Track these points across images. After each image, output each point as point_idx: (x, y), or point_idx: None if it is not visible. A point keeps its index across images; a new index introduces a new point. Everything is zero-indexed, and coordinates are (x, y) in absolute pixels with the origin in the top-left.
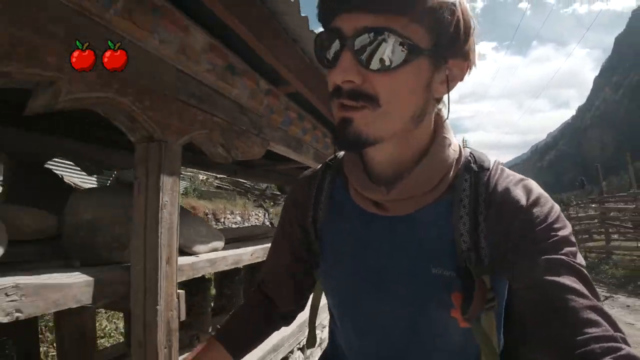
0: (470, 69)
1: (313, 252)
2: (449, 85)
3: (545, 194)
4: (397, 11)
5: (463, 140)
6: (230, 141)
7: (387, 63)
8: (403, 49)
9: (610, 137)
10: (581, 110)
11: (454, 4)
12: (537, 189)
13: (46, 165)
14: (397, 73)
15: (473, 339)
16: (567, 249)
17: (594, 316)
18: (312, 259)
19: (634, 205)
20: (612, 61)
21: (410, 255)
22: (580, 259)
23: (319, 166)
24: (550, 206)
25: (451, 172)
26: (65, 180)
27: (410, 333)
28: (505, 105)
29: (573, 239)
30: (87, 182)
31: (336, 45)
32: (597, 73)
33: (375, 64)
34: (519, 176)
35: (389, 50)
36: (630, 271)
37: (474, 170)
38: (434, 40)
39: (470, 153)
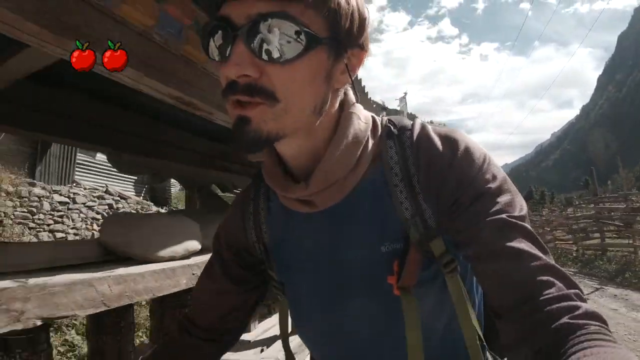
0: (365, 58)
1: (265, 271)
2: (350, 74)
3: (472, 142)
4: None
5: None
6: None
7: (285, 54)
8: (301, 38)
9: (614, 135)
10: (585, 109)
11: None
12: (462, 139)
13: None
14: (295, 64)
15: (455, 324)
16: (503, 201)
17: (546, 277)
18: (263, 279)
19: (625, 205)
20: (615, 59)
21: (357, 241)
22: (519, 207)
23: (250, 182)
24: (478, 155)
25: (369, 144)
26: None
27: (382, 324)
28: (508, 106)
29: (508, 184)
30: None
31: (227, 35)
32: (599, 72)
33: (271, 55)
34: (444, 129)
35: (286, 39)
36: (620, 265)
37: (395, 135)
38: (331, 30)
39: (388, 119)
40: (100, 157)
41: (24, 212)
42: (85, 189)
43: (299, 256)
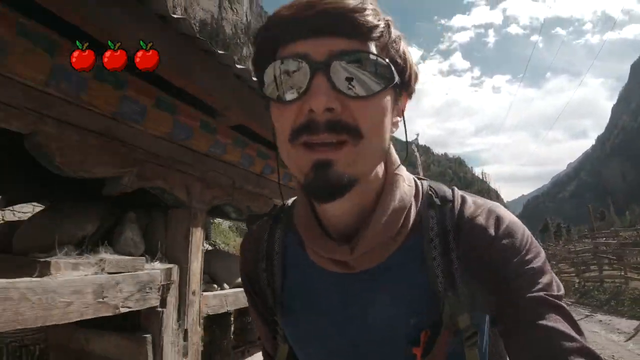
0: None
1: (276, 323)
2: (404, 120)
3: (515, 219)
4: (369, 37)
5: (482, 172)
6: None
7: (367, 89)
8: (381, 75)
9: (631, 164)
10: (600, 139)
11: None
12: (505, 215)
13: None
14: (375, 100)
15: None
16: (544, 281)
17: (579, 359)
18: (275, 330)
19: (616, 240)
20: (629, 89)
21: (386, 310)
22: (557, 288)
23: (264, 219)
24: (521, 234)
25: (412, 210)
26: None
27: None
28: (522, 137)
29: (547, 265)
30: None
31: (304, 71)
32: (613, 102)
33: (354, 91)
34: (484, 203)
35: (368, 75)
36: (612, 295)
37: (437, 205)
38: (396, 73)
39: (429, 186)
40: None
41: None
42: None
43: (313, 308)
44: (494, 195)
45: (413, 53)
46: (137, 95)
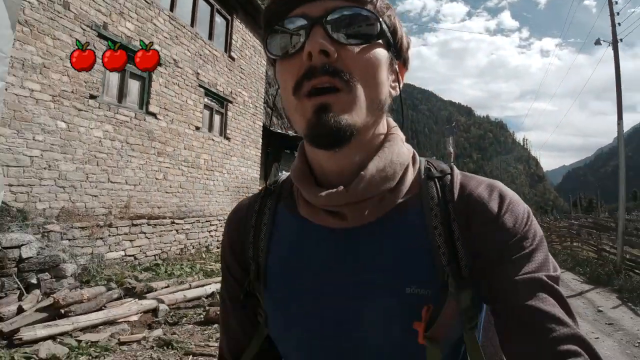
0: (404, 75)
1: (255, 293)
2: (399, 85)
3: (516, 196)
4: (362, 1)
5: (524, 139)
6: None
7: (361, 37)
8: (372, 27)
9: None
10: None
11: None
12: (508, 192)
13: None
14: (367, 49)
15: None
16: (541, 258)
17: (573, 347)
18: (254, 302)
19: (579, 222)
20: None
21: (379, 274)
22: (553, 267)
23: (256, 193)
24: (522, 211)
25: (408, 173)
26: None
27: None
28: (567, 106)
29: (545, 244)
30: None
31: (303, 26)
32: None
33: (347, 39)
34: (485, 179)
35: (360, 27)
36: (568, 257)
37: (436, 176)
38: (390, 36)
39: (427, 160)
40: None
41: None
42: None
43: (302, 271)
44: (533, 163)
45: (458, 9)
46: None
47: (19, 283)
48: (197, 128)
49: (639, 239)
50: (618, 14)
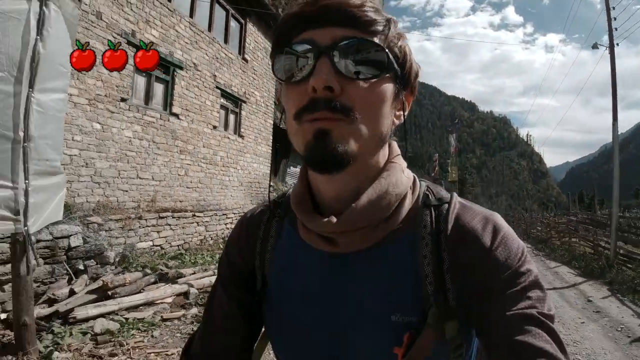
0: (411, 103)
1: (257, 300)
2: (404, 113)
3: (511, 231)
4: (368, 29)
5: (528, 135)
6: None
7: (366, 72)
8: (380, 62)
9: None
10: None
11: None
12: (502, 226)
13: None
14: (372, 84)
15: None
16: (535, 296)
17: None
18: (254, 308)
19: (576, 218)
20: None
21: (367, 300)
22: (548, 305)
23: (267, 204)
24: (516, 247)
25: (406, 202)
26: None
27: None
28: (571, 102)
29: (540, 280)
30: None
31: (310, 55)
32: None
33: (354, 73)
34: (482, 210)
35: (367, 61)
36: (565, 251)
37: (432, 205)
38: (398, 66)
39: (427, 186)
40: None
41: None
42: None
43: (297, 290)
44: (536, 159)
45: (462, 3)
46: None
47: (68, 269)
48: (214, 127)
49: (632, 235)
50: (615, 19)
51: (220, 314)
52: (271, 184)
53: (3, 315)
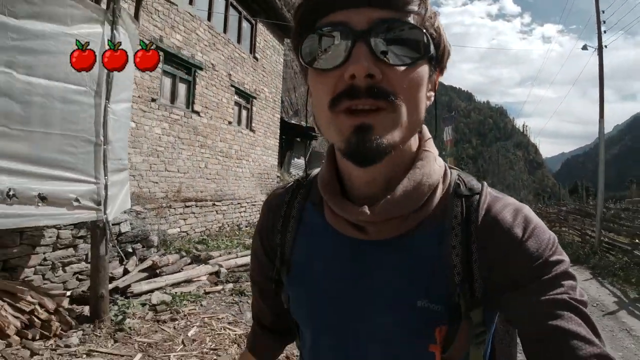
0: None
1: (279, 280)
2: (435, 96)
3: (541, 223)
4: (404, 9)
5: (524, 125)
6: None
7: (406, 57)
8: (419, 45)
9: None
10: None
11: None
12: (533, 218)
13: None
14: (412, 69)
15: None
16: (567, 284)
17: None
18: (278, 288)
19: (565, 208)
20: None
21: (393, 285)
22: (580, 293)
23: (289, 184)
24: (547, 237)
25: (437, 192)
26: None
27: None
28: (568, 93)
29: (571, 270)
30: None
31: (345, 39)
32: None
33: (393, 58)
34: (513, 202)
35: (407, 44)
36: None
37: (464, 195)
38: (434, 48)
39: (458, 175)
40: None
41: None
42: None
43: (319, 277)
44: (532, 149)
45: None
46: None
47: (120, 251)
48: (229, 123)
49: (615, 225)
50: (604, 22)
51: (261, 295)
52: (278, 174)
53: (68, 293)
